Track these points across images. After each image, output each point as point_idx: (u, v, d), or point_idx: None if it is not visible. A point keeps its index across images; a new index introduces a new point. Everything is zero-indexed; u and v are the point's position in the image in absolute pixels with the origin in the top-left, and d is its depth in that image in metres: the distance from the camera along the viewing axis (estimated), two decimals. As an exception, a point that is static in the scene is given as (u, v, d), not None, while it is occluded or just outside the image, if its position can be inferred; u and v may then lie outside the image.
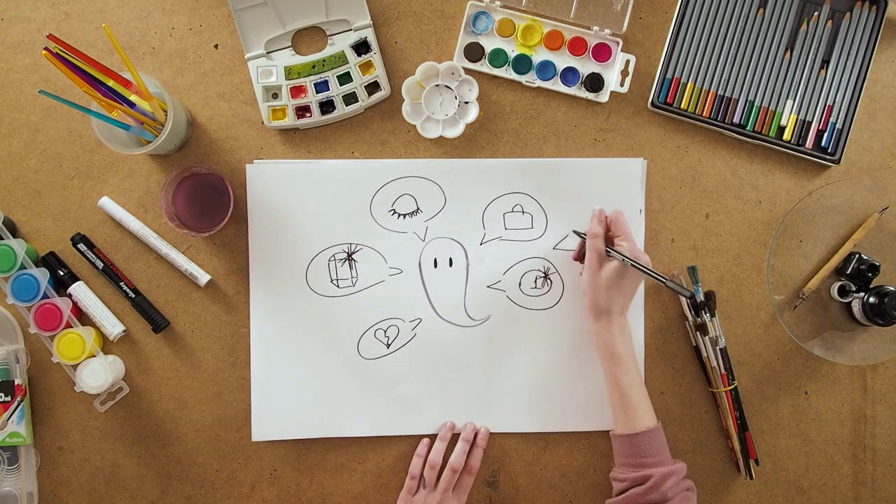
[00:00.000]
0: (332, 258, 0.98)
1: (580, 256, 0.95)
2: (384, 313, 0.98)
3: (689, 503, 0.85)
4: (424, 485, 0.96)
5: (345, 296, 0.98)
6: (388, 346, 0.98)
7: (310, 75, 0.96)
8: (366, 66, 0.96)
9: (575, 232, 0.97)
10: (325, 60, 0.96)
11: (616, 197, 0.97)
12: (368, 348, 0.98)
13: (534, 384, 0.98)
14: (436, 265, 0.98)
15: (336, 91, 0.96)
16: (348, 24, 0.97)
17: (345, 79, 0.96)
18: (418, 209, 0.98)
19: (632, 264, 0.87)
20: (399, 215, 0.98)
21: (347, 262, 0.98)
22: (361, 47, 0.96)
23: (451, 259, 0.98)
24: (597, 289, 0.89)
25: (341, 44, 0.97)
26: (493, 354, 0.98)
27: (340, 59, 0.96)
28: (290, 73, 0.96)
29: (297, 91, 0.96)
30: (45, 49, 0.78)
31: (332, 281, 0.98)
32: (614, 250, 0.89)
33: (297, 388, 0.98)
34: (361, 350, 0.98)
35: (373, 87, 0.97)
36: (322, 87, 0.96)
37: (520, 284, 0.98)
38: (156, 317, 0.97)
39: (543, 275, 0.98)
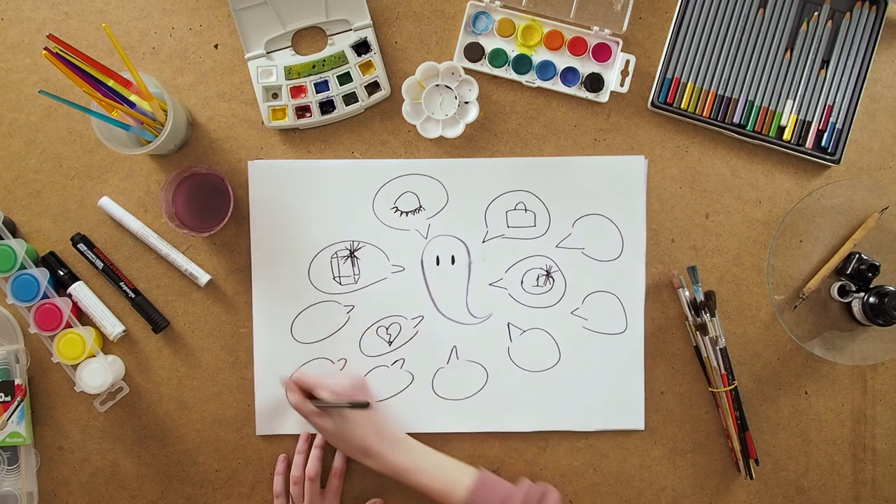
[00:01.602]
0: (335, 255, 0.98)
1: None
2: (386, 311, 0.98)
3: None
4: (293, 501, 0.96)
5: (347, 293, 0.98)
6: (390, 343, 0.98)
7: (310, 75, 0.96)
8: (366, 66, 0.96)
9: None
10: (325, 60, 0.97)
11: (618, 194, 0.97)
12: (370, 345, 0.98)
13: (535, 383, 0.98)
14: (438, 263, 0.98)
15: (336, 91, 0.96)
16: (348, 24, 0.97)
17: (345, 79, 0.96)
18: (421, 207, 0.98)
19: (330, 406, 0.90)
20: (401, 213, 0.98)
21: (350, 259, 0.98)
22: (361, 47, 0.96)
23: (453, 257, 0.98)
24: (339, 441, 0.91)
25: (341, 44, 0.97)
26: (495, 352, 0.98)
27: (340, 59, 0.96)
28: (290, 73, 0.96)
29: (297, 91, 0.96)
30: (45, 49, 0.79)
31: (334, 278, 0.98)
32: (318, 402, 0.90)
33: (298, 387, 0.98)
34: (363, 347, 0.98)
35: (373, 87, 0.97)
36: (322, 87, 0.96)
37: (522, 282, 0.98)
38: (156, 317, 0.97)
39: (545, 273, 0.98)
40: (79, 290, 0.96)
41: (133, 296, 0.97)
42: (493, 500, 0.87)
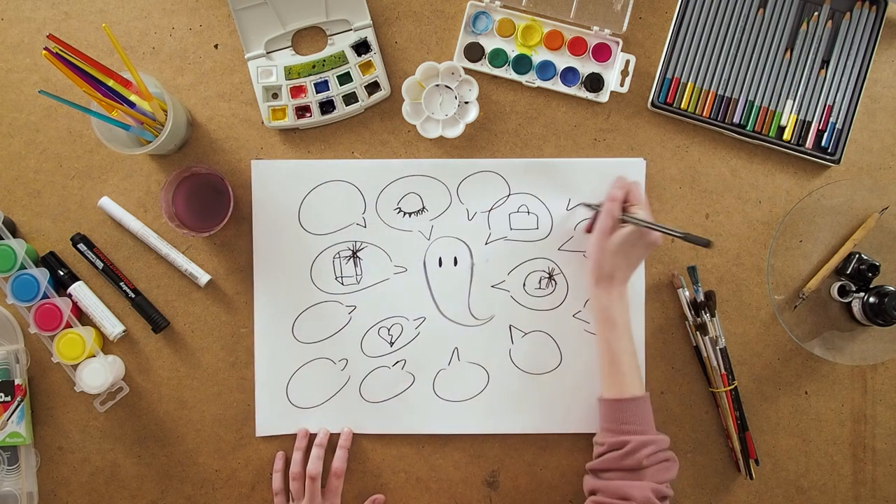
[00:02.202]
0: (337, 255, 0.98)
1: (592, 228, 0.93)
2: (388, 311, 0.98)
3: (666, 473, 0.85)
4: (293, 498, 0.96)
5: (349, 293, 0.98)
6: (392, 343, 0.98)
7: (310, 75, 0.96)
8: (366, 66, 0.96)
9: (586, 205, 0.96)
10: (325, 60, 0.96)
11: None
12: (372, 346, 0.98)
13: (536, 386, 0.98)
14: (440, 264, 0.98)
15: (336, 91, 0.96)
16: (348, 24, 0.97)
17: (345, 79, 0.96)
18: (424, 208, 0.98)
19: (647, 225, 0.86)
20: (405, 214, 0.98)
21: (352, 259, 0.98)
22: (361, 47, 0.96)
23: (455, 258, 0.98)
24: (603, 253, 0.88)
25: (341, 44, 0.97)
26: (496, 354, 0.98)
27: (340, 59, 0.96)
28: (290, 72, 0.96)
29: (297, 91, 0.96)
30: (45, 49, 0.79)
31: (336, 278, 0.98)
32: (630, 216, 0.88)
33: (300, 384, 0.98)
34: (365, 348, 0.98)
35: (373, 87, 0.97)
36: (322, 87, 0.96)
37: (524, 285, 0.98)
38: (156, 317, 0.97)
39: (548, 275, 0.98)
40: (79, 290, 0.96)
41: (133, 296, 0.97)
42: (641, 419, 0.87)
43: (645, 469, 0.84)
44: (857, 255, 0.96)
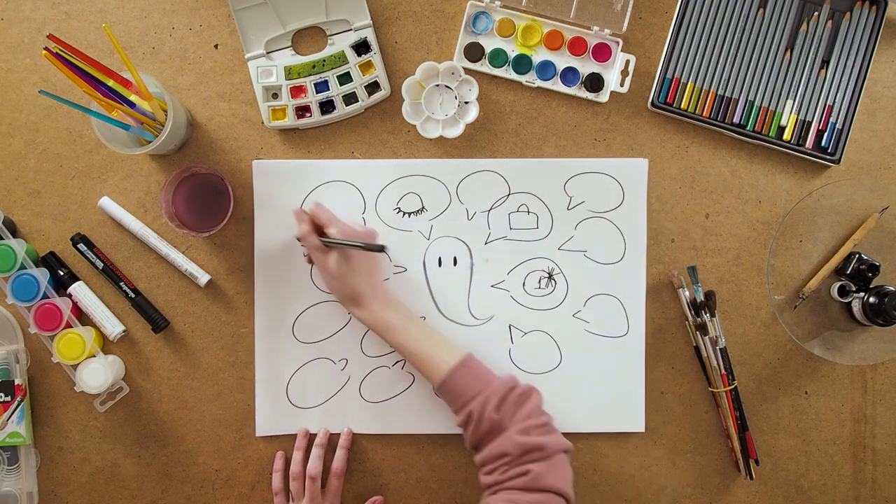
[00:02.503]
0: None
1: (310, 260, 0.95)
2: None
3: (524, 408, 0.82)
4: (293, 498, 0.96)
5: None
6: None
7: (310, 75, 0.96)
8: (366, 66, 0.96)
9: (298, 239, 0.93)
10: (325, 60, 0.96)
11: (621, 197, 0.97)
12: (372, 346, 0.98)
13: (535, 384, 0.98)
14: (440, 264, 0.98)
15: (336, 91, 0.96)
16: (348, 24, 0.97)
17: (345, 79, 0.96)
18: (423, 208, 0.98)
19: (336, 243, 0.87)
20: (404, 213, 0.98)
21: None
22: (361, 47, 0.96)
23: (455, 258, 0.98)
24: (334, 281, 0.89)
25: (341, 44, 0.97)
26: (496, 354, 0.98)
27: (340, 59, 0.96)
28: (290, 72, 0.96)
29: (297, 91, 0.96)
30: (45, 49, 0.79)
31: None
32: (326, 239, 0.88)
33: (301, 384, 0.98)
34: (364, 347, 0.98)
35: (373, 87, 0.97)
36: (322, 87, 0.96)
37: (524, 284, 0.98)
38: (155, 317, 0.97)
39: (548, 275, 0.98)
40: (79, 290, 0.96)
41: (133, 296, 0.97)
42: (472, 385, 0.84)
43: (501, 421, 0.81)
44: (857, 255, 0.96)
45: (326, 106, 0.97)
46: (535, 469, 0.78)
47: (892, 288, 0.94)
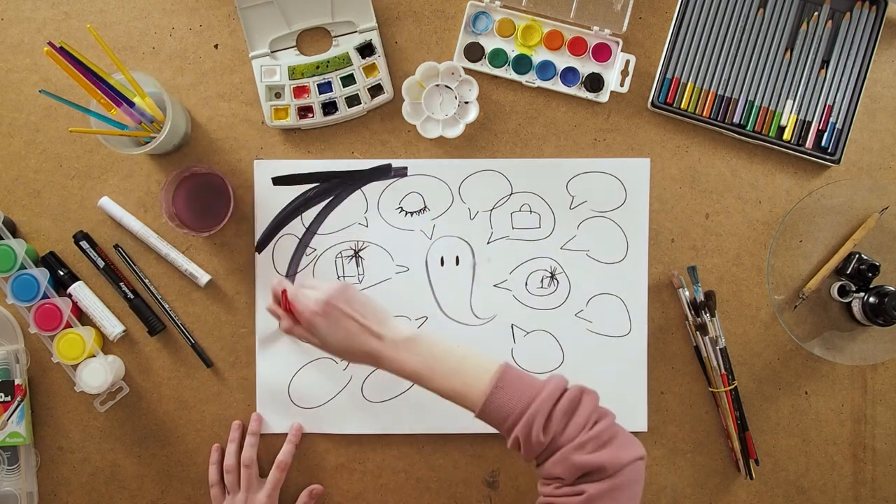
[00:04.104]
0: (339, 255, 0.98)
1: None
2: (390, 311, 0.98)
3: (577, 419, 0.71)
4: (228, 491, 0.96)
5: None
6: None
7: (313, 76, 0.96)
8: (369, 69, 0.96)
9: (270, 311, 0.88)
10: (329, 61, 0.96)
11: (623, 196, 0.97)
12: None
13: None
14: (442, 263, 0.98)
15: (339, 92, 0.96)
16: (353, 26, 0.97)
17: (348, 80, 0.96)
18: (426, 207, 0.98)
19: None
20: (406, 213, 0.98)
21: (354, 259, 0.98)
22: (366, 49, 0.96)
23: (457, 258, 0.98)
24: (331, 348, 0.80)
25: (346, 45, 0.97)
26: (498, 354, 0.98)
27: (344, 60, 0.96)
28: (293, 72, 0.96)
29: (300, 91, 0.96)
30: (49, 43, 0.79)
31: (338, 278, 0.98)
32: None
33: (302, 384, 0.98)
34: (365, 348, 0.98)
35: (376, 90, 0.96)
36: (325, 88, 0.96)
37: (526, 284, 0.98)
38: (152, 320, 0.97)
39: (550, 275, 0.98)
40: (79, 290, 0.96)
41: (132, 297, 0.97)
42: (513, 406, 0.72)
43: (554, 439, 0.71)
44: (857, 255, 0.96)
45: (329, 107, 0.96)
46: (589, 490, 0.69)
47: (892, 288, 0.94)
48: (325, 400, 0.98)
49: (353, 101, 0.96)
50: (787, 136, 0.97)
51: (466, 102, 0.97)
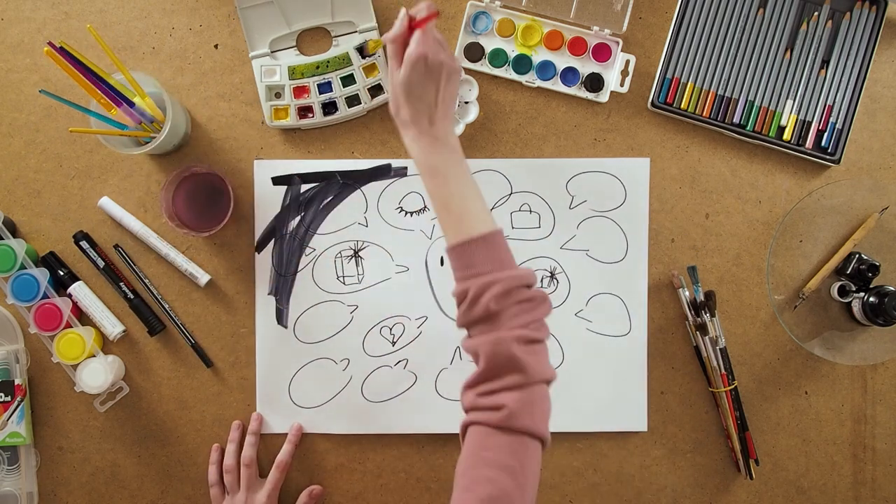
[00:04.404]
0: (339, 255, 0.98)
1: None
2: (390, 311, 0.98)
3: (526, 315, 0.71)
4: (228, 491, 0.96)
5: (351, 293, 0.98)
6: (394, 343, 0.98)
7: (313, 76, 0.96)
8: (370, 69, 0.96)
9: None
10: (329, 61, 0.96)
11: (622, 196, 0.97)
12: (374, 346, 0.98)
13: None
14: (442, 263, 0.98)
15: (339, 93, 0.96)
16: (354, 26, 0.97)
17: (348, 80, 0.96)
18: (426, 207, 0.98)
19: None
20: (406, 213, 0.98)
21: (354, 259, 0.98)
22: (365, 50, 0.96)
23: None
24: (393, 89, 0.78)
25: (346, 45, 0.97)
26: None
27: (345, 60, 0.96)
28: (293, 72, 0.96)
29: (300, 91, 0.96)
30: (49, 43, 0.79)
31: (338, 278, 0.98)
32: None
33: (302, 384, 0.98)
34: (367, 347, 0.98)
35: (376, 90, 0.96)
36: (325, 88, 0.96)
37: None
38: (152, 320, 0.97)
39: (550, 274, 0.98)
40: (79, 290, 0.96)
41: (132, 297, 0.97)
42: (483, 261, 0.73)
43: (499, 315, 0.70)
44: (857, 255, 0.96)
45: (329, 107, 0.96)
46: (509, 404, 0.68)
47: (892, 288, 0.94)
48: (325, 400, 0.98)
49: (353, 101, 0.96)
50: (787, 136, 0.97)
51: (466, 102, 0.97)
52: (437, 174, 0.76)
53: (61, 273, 0.96)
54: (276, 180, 0.97)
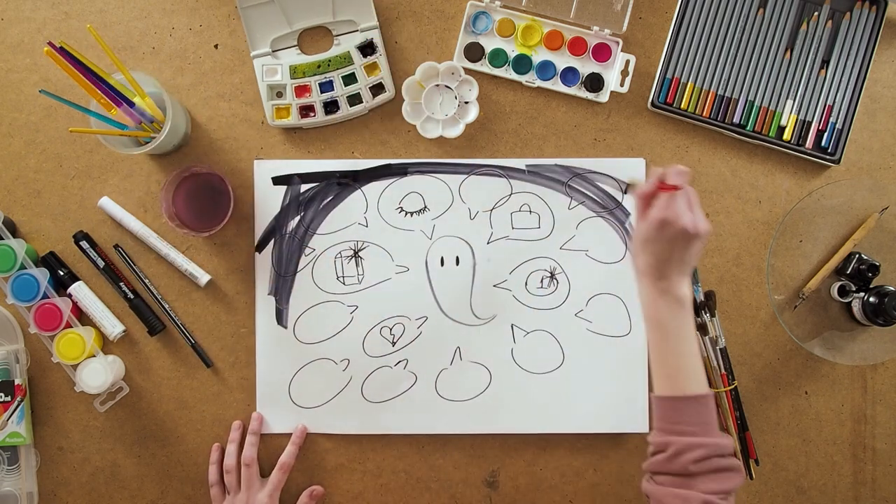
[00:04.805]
0: (339, 255, 0.98)
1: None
2: (390, 311, 0.98)
3: (723, 482, 0.74)
4: (228, 491, 0.96)
5: (351, 293, 0.98)
6: (394, 343, 0.98)
7: (315, 75, 0.96)
8: (371, 68, 0.96)
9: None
10: (330, 60, 0.96)
11: (621, 196, 0.98)
12: (374, 346, 0.98)
13: (538, 385, 0.98)
14: (442, 263, 0.98)
15: (341, 91, 0.96)
16: (355, 25, 0.97)
17: (350, 79, 0.96)
18: (426, 207, 0.98)
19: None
20: (406, 213, 0.98)
21: (354, 259, 0.98)
22: (367, 48, 0.96)
23: (457, 258, 0.98)
24: (634, 243, 0.80)
25: (347, 44, 0.97)
26: (498, 354, 0.98)
27: (346, 59, 0.96)
28: (295, 72, 0.96)
29: (301, 90, 0.96)
30: (49, 43, 0.79)
31: (338, 278, 0.98)
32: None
33: (302, 384, 0.98)
34: (367, 348, 0.98)
35: (377, 89, 0.96)
36: (327, 87, 0.96)
37: (526, 284, 0.98)
38: (152, 320, 0.97)
39: (549, 275, 0.98)
40: (79, 290, 0.96)
41: (132, 297, 0.97)
42: (693, 421, 0.76)
43: (694, 476, 0.74)
44: (857, 255, 0.96)
45: (330, 106, 0.96)
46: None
47: (892, 288, 0.94)
48: (325, 400, 0.98)
49: (354, 99, 0.96)
50: (787, 136, 0.97)
51: (466, 102, 0.97)
52: (659, 327, 0.78)
53: (61, 273, 0.96)
54: (276, 180, 0.98)
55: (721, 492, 0.73)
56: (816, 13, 0.96)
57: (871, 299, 0.94)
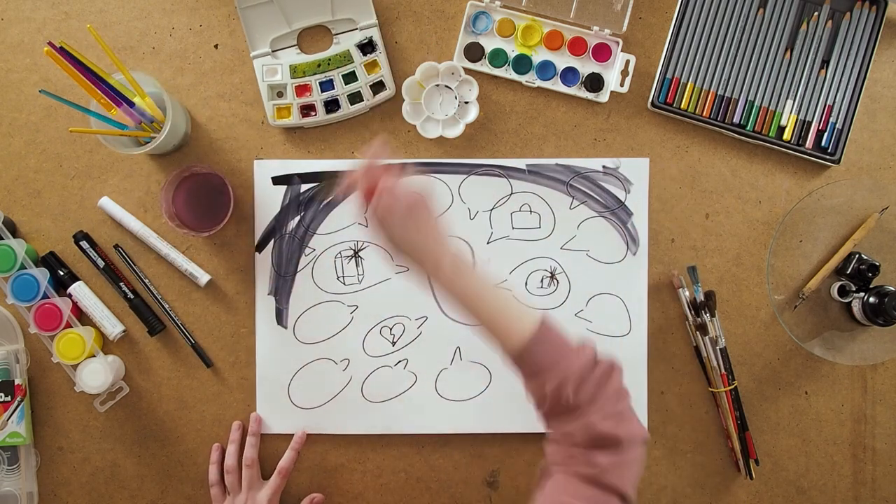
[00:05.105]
0: (339, 255, 0.98)
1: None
2: (390, 311, 0.98)
3: (603, 391, 0.71)
4: (229, 492, 0.96)
5: (351, 293, 0.98)
6: (394, 343, 0.98)
7: (315, 74, 0.96)
8: (371, 66, 0.96)
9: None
10: (330, 59, 0.96)
11: (623, 196, 0.97)
12: (374, 346, 0.98)
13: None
14: None
15: (341, 90, 0.96)
16: (354, 24, 0.97)
17: (350, 78, 0.96)
18: None
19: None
20: None
21: (354, 259, 0.98)
22: (367, 47, 0.96)
23: None
24: (395, 238, 0.77)
25: (347, 43, 0.97)
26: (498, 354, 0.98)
27: (346, 58, 0.96)
28: (295, 71, 0.96)
29: (302, 90, 0.96)
30: (49, 43, 0.79)
31: (338, 278, 0.98)
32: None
33: (302, 385, 0.98)
34: (367, 348, 0.98)
35: (377, 87, 0.96)
36: (327, 85, 0.96)
37: (526, 284, 0.98)
38: (152, 320, 0.97)
39: (550, 275, 0.98)
40: (79, 290, 0.96)
41: (132, 297, 0.97)
42: (547, 359, 0.72)
43: (579, 405, 0.71)
44: (857, 255, 0.96)
45: (331, 105, 0.96)
46: (602, 463, 0.69)
47: (892, 288, 0.94)
48: (325, 400, 0.98)
49: (355, 98, 0.96)
50: (787, 136, 0.97)
51: (466, 102, 0.97)
52: (470, 299, 0.75)
53: (61, 273, 0.96)
54: (276, 180, 0.98)
55: (610, 397, 0.71)
56: (816, 13, 0.96)
57: (871, 299, 0.94)
